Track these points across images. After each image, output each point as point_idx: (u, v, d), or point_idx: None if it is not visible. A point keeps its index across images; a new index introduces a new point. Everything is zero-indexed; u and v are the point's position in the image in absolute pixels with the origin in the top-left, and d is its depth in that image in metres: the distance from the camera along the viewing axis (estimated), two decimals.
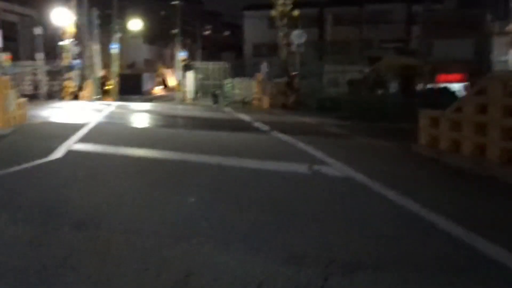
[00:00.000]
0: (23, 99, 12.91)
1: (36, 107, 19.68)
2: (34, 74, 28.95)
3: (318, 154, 8.73)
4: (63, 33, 26.59)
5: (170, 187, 6.11)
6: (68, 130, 11.48)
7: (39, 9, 36.83)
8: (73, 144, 9.40)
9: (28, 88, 30.20)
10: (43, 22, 29.66)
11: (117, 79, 32.21)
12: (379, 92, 22.85)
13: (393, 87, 22.48)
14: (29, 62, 30.07)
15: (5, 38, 45.39)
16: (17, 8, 51.56)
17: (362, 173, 6.91)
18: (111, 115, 16.51)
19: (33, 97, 27.80)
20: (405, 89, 22.44)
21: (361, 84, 23.85)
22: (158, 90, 45.37)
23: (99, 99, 28.52)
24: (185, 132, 12.40)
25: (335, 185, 6.45)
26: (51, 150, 8.55)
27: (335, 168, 7.45)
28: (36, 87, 28.80)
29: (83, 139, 10.07)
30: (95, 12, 29.95)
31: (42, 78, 27.77)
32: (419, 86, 25.19)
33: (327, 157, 8.37)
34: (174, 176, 6.82)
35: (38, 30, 26.77)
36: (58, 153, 8.34)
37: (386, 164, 8.38)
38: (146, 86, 43.08)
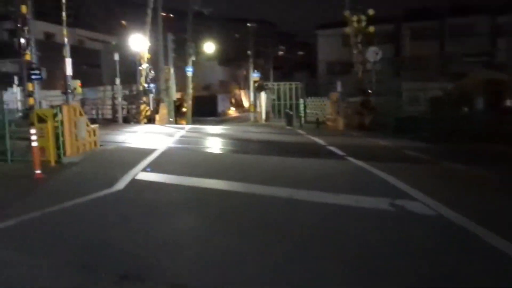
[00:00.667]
0: (94, 125, 12.97)
1: (113, 131, 20.08)
2: (114, 98, 30.03)
3: (400, 184, 7.68)
4: (140, 58, 27.34)
5: (232, 229, 5.43)
6: (137, 156, 11.29)
7: (119, 36, 38.58)
8: (139, 172, 9.09)
9: (108, 112, 31.46)
10: (122, 48, 30.82)
11: (191, 101, 32.60)
12: (465, 109, 20.98)
13: (480, 104, 20.57)
14: (109, 87, 31.31)
15: (90, 65, 48.26)
16: (101, 36, 54.86)
17: (458, 210, 5.82)
18: (182, 139, 16.31)
19: (112, 121, 28.88)
20: (494, 106, 20.44)
21: (444, 101, 22.08)
22: (232, 111, 45.65)
23: (173, 122, 28.90)
24: (255, 158, 11.75)
25: (426, 228, 5.40)
26: (115, 179, 8.27)
27: (422, 203, 6.39)
28: (115, 110, 29.85)
29: (149, 167, 9.75)
30: (171, 37, 30.63)
31: (120, 102, 28.69)
32: (509, 103, 22.93)
33: (411, 188, 7.31)
34: (238, 214, 6.15)
35: (116, 56, 27.74)
36: (121, 183, 8.02)
37: (486, 198, 7.08)
38: (220, 107, 43.51)
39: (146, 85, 27.39)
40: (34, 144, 9.09)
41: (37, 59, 19.82)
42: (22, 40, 12.86)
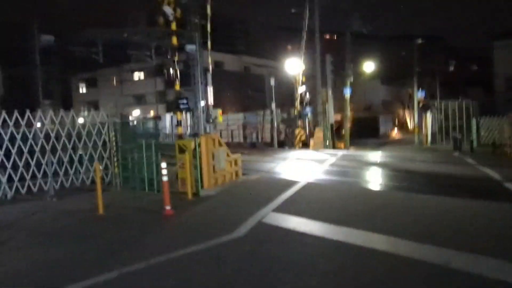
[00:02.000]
0: (236, 155, 12.48)
1: (264, 158, 19.79)
2: (271, 123, 30.17)
3: None
4: (295, 81, 26.99)
5: None
6: (275, 190, 10.39)
7: (279, 61, 39.09)
8: (268, 213, 8.09)
9: (268, 136, 31.73)
10: (283, 72, 30.96)
11: (350, 123, 31.14)
12: None
13: None
14: (269, 111, 31.58)
15: (254, 90, 50.20)
16: (265, 61, 56.89)
17: None
18: (330, 169, 15.00)
19: (269, 145, 28.96)
20: None
21: None
22: (395, 133, 42.68)
23: (330, 146, 27.76)
24: (409, 198, 9.76)
25: None
26: (240, 221, 7.40)
27: None
28: (272, 135, 29.93)
29: (283, 206, 8.69)
30: (329, 59, 29.77)
31: (276, 126, 28.64)
32: None
33: None
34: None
35: (272, 81, 27.84)
36: (245, 227, 7.10)
37: None
38: (382, 129, 41.01)
39: (302, 109, 26.86)
40: (164, 178, 8.74)
41: (203, 88, 20.38)
42: (171, 71, 13.16)
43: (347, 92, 29.88)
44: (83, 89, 59.43)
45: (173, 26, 13.20)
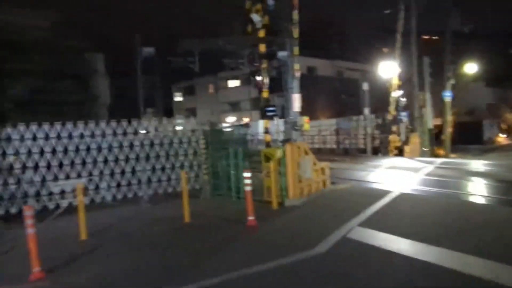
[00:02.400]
0: (324, 164, 12.09)
1: (355, 165, 19.14)
2: (364, 128, 29.23)
3: None
4: (389, 85, 25.86)
5: None
6: (364, 201, 9.89)
7: (373, 64, 37.83)
8: (354, 227, 7.67)
9: (361, 142, 30.73)
10: (375, 76, 29.91)
11: (451, 129, 29.14)
12: None
13: None
14: (362, 116, 30.63)
15: (349, 94, 49.16)
16: (359, 65, 55.50)
17: None
18: (426, 179, 14.01)
19: (362, 152, 28.03)
20: None
21: None
22: (502, 139, 39.26)
23: (428, 152, 26.19)
24: (508, 215, 8.75)
25: None
26: (323, 235, 7.10)
27: None
28: (365, 141, 28.97)
29: (371, 220, 8.20)
30: (427, 61, 28.19)
31: (369, 132, 27.66)
32: None
33: None
34: None
35: (365, 86, 26.96)
36: (328, 242, 6.78)
37: None
38: (486, 134, 37.93)
39: (397, 114, 25.66)
40: (247, 188, 8.65)
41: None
42: (259, 78, 13.14)
43: (448, 96, 28.07)
44: (180, 97, 62.24)
45: (261, 33, 13.18)
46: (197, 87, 60.07)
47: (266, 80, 13.14)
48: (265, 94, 13.48)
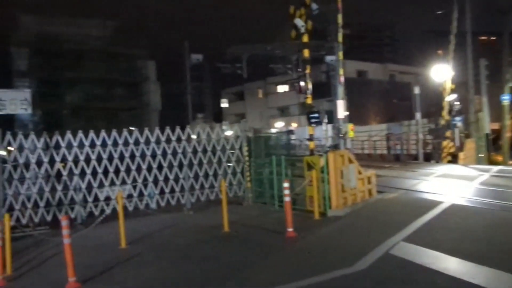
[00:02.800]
0: (370, 172, 11.63)
1: (405, 173, 18.39)
2: (416, 134, 28.16)
3: None
4: (442, 89, 24.78)
5: None
6: (411, 212, 9.39)
7: (426, 67, 36.51)
8: (399, 242, 7.24)
9: (413, 147, 29.61)
10: (428, 80, 28.84)
11: (510, 133, 27.55)
12: None
13: None
14: (414, 121, 29.55)
15: (400, 98, 47.72)
16: (412, 69, 53.82)
17: None
18: (480, 189, 13.15)
19: (413, 158, 26.98)
20: None
21: None
22: None
23: (485, 159, 24.88)
24: None
25: None
26: (364, 251, 6.74)
27: None
28: (417, 147, 27.89)
29: (417, 234, 7.73)
30: (484, 63, 26.86)
31: (421, 138, 26.62)
32: None
33: None
34: None
35: (417, 90, 26.01)
36: (369, 258, 6.43)
37: None
38: None
39: (451, 118, 24.53)
40: (286, 199, 8.41)
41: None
42: (302, 83, 12.87)
43: (506, 99, 26.60)
44: (229, 103, 62.77)
45: (305, 38, 12.91)
46: (246, 92, 60.37)
47: (309, 86, 12.84)
48: (308, 100, 13.17)
